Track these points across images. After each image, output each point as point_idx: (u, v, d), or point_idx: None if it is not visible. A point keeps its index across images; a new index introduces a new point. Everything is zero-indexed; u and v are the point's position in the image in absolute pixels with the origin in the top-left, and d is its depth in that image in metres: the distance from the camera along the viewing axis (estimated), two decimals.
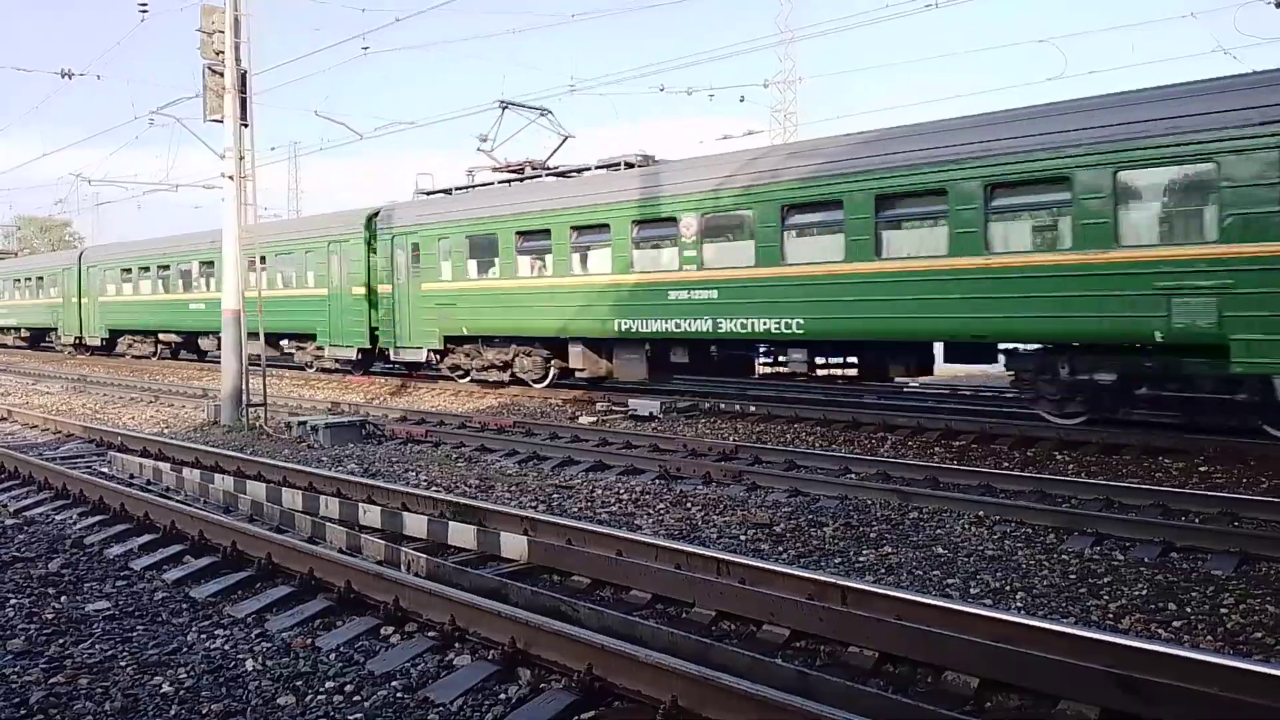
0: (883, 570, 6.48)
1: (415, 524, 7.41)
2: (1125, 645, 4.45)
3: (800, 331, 13.76)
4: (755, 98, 49.65)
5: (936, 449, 11.66)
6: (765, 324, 14.11)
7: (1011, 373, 12.85)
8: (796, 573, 5.74)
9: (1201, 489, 8.89)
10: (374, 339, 21.55)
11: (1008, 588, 6.03)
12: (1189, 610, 5.54)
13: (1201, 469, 9.88)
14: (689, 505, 8.52)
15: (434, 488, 9.36)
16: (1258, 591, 5.84)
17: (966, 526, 7.62)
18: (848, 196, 13.05)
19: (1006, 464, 10.62)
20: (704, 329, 14.86)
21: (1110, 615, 5.50)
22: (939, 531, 7.50)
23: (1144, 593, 5.87)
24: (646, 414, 14.99)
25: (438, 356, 20.21)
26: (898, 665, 4.72)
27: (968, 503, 8.25)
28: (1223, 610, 5.53)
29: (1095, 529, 7.32)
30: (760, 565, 5.90)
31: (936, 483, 9.35)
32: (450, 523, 7.29)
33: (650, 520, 8.03)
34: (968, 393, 17.26)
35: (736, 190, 14.49)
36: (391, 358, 21.18)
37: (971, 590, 6.02)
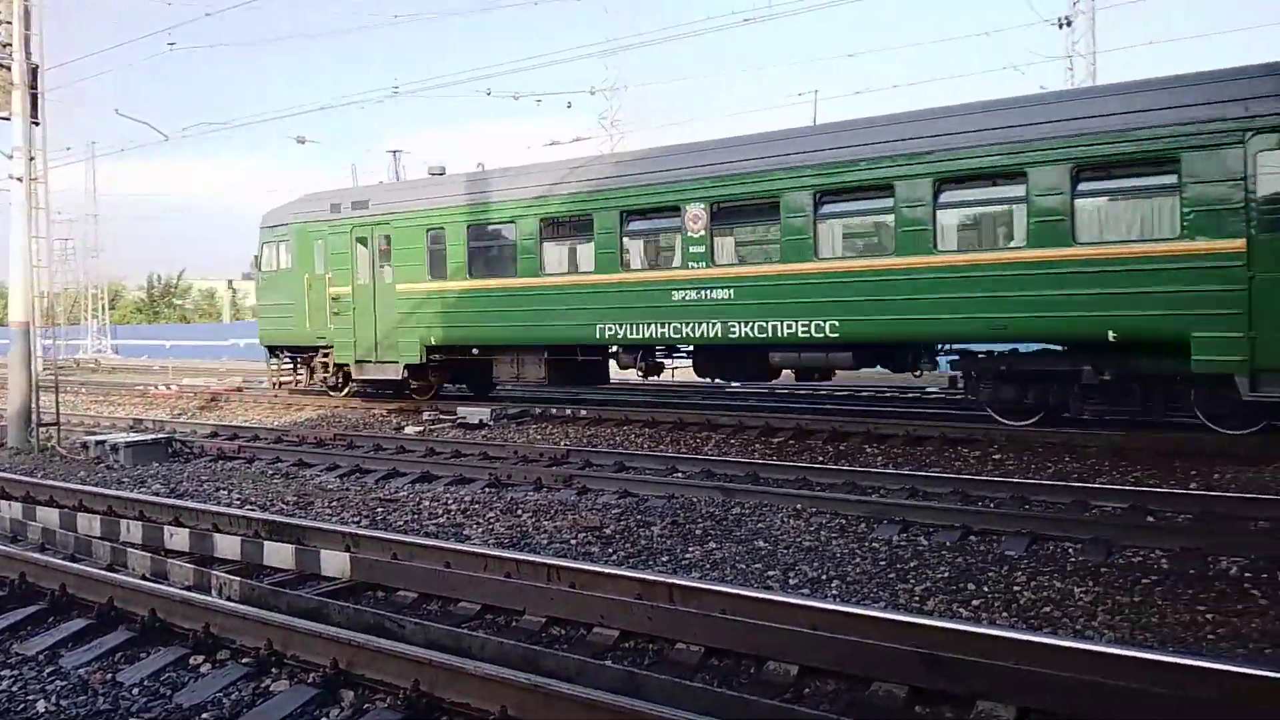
0: (708, 566, 6.65)
1: (227, 545, 7.05)
2: (930, 625, 4.74)
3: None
4: (582, 104, 50.00)
5: (757, 446, 12.06)
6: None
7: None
8: (625, 574, 5.81)
9: (995, 476, 9.57)
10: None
11: (824, 576, 6.31)
12: (986, 589, 5.96)
13: (995, 457, 10.65)
14: (519, 512, 8.47)
15: (248, 506, 8.92)
16: (1046, 569, 6.34)
17: (786, 519, 7.92)
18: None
19: (821, 458, 11.10)
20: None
21: (916, 597, 5.85)
22: (760, 525, 7.76)
23: (946, 575, 6.27)
24: (476, 422, 14.80)
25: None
26: (723, 658, 4.86)
27: (786, 496, 8.58)
28: (1016, 588, 5.97)
29: (902, 517, 7.76)
30: (590, 569, 5.93)
31: (757, 478, 9.67)
32: (266, 542, 6.96)
33: (480, 530, 7.94)
34: (784, 391, 17.93)
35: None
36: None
37: (791, 581, 6.26)
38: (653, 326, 13.74)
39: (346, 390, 18.44)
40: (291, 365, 19.48)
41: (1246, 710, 3.80)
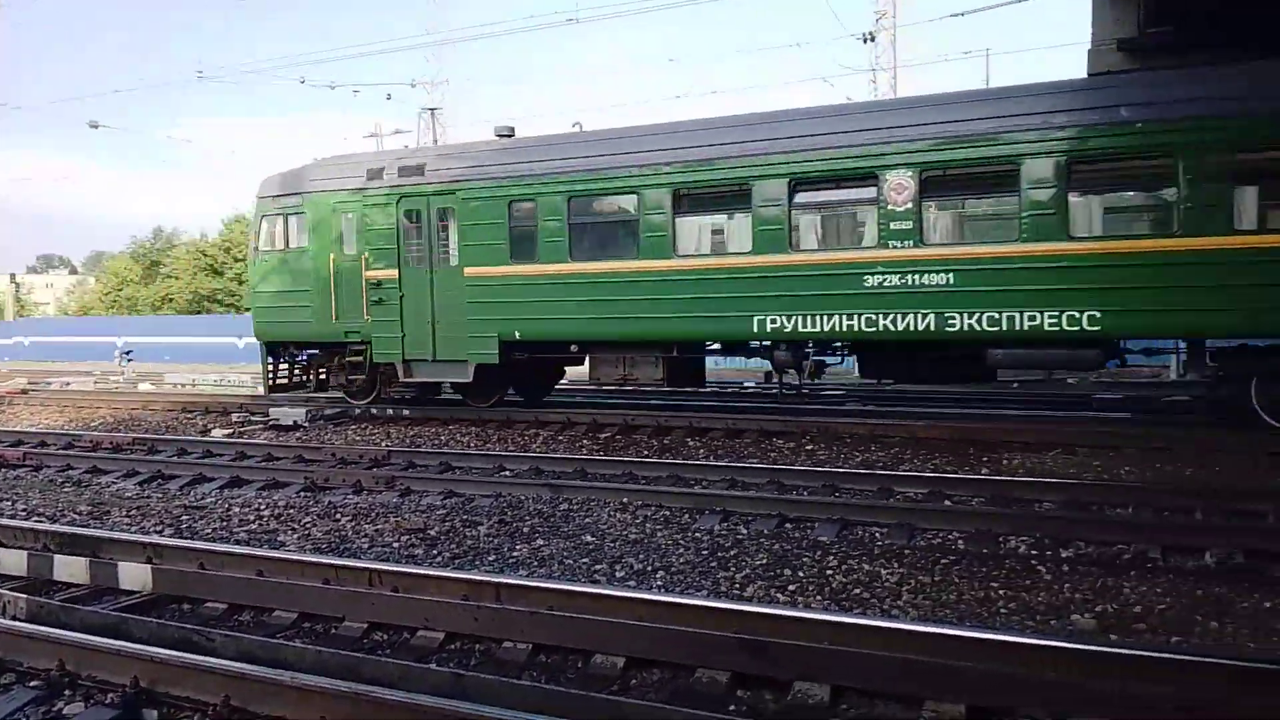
0: (535, 563, 6.64)
1: (12, 560, 6.48)
2: (749, 611, 4.91)
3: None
4: (403, 97, 48.74)
5: (585, 442, 12.13)
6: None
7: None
8: (450, 575, 5.72)
9: (808, 465, 10.00)
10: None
11: (649, 568, 6.42)
12: (801, 574, 6.22)
13: (808, 448, 11.12)
14: (338, 516, 8.19)
15: (35, 517, 8.23)
16: (855, 553, 6.68)
17: (612, 514, 8.00)
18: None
19: (646, 452, 11.28)
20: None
21: (737, 584, 6.04)
22: (587, 520, 7.82)
23: (764, 561, 6.51)
24: (290, 423, 14.20)
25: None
26: (551, 654, 4.86)
27: (613, 491, 8.67)
28: (828, 571, 6.26)
29: (723, 507, 7.99)
30: (413, 571, 5.81)
31: (585, 474, 9.73)
32: (56, 556, 6.45)
33: (296, 536, 7.63)
34: (612, 387, 18.11)
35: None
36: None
37: (617, 574, 6.34)
38: (835, 319, 11.50)
39: (374, 396, 15.40)
40: (289, 365, 15.94)
41: (1035, 678, 4.12)
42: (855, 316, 11.41)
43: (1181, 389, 11.90)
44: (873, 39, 28.33)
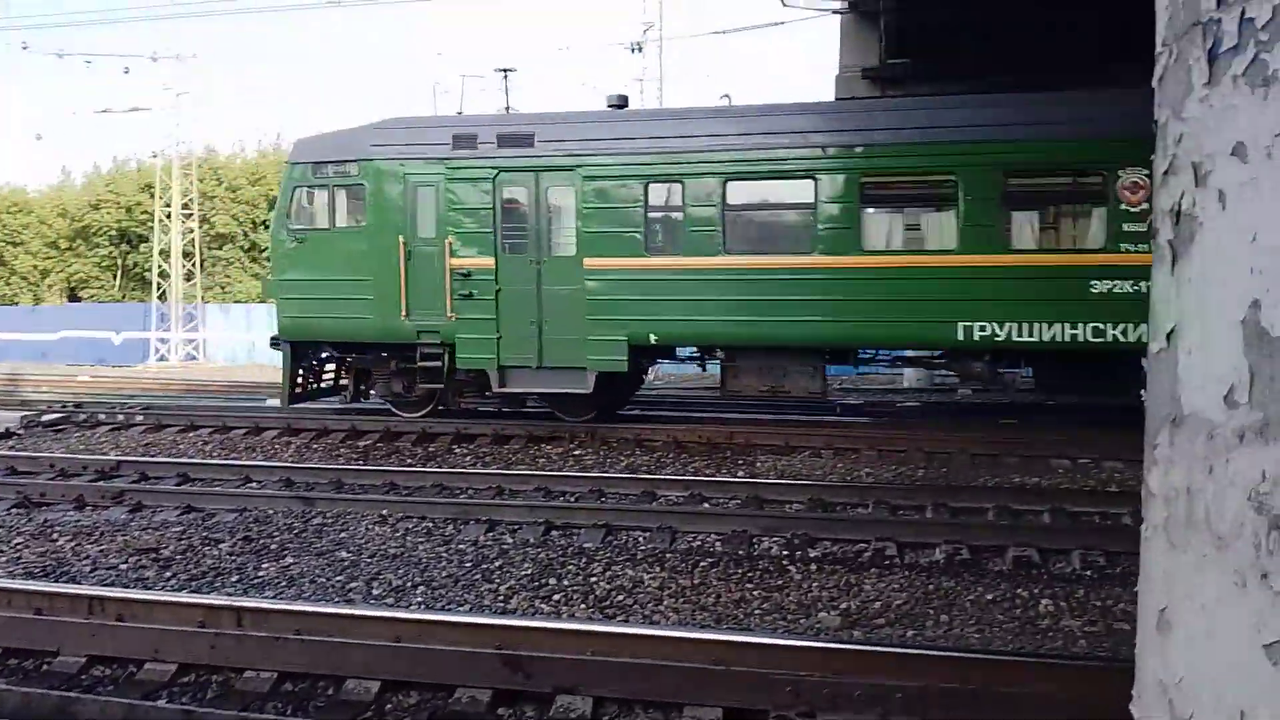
0: (284, 583, 6.24)
1: None
2: (510, 625, 4.82)
3: None
4: (143, 71, 44.82)
5: (342, 450, 11.57)
6: None
7: None
8: (184, 599, 5.28)
9: (575, 471, 10.04)
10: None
11: (409, 584, 6.19)
12: (566, 582, 6.20)
13: (575, 453, 11.16)
14: (55, 536, 7.37)
15: None
16: (620, 558, 6.74)
17: (370, 527, 7.67)
18: None
19: (410, 460, 10.92)
20: None
21: (501, 597, 5.94)
22: (343, 535, 7.45)
23: (530, 571, 6.44)
24: (1, 430, 12.66)
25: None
26: (299, 682, 4.56)
27: (372, 503, 8.32)
28: (593, 579, 6.28)
29: (488, 516, 7.85)
30: (141, 597, 5.30)
31: (341, 485, 9.27)
32: None
33: (2, 559, 6.78)
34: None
35: None
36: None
37: (374, 591, 6.07)
38: (1056, 327, 10.41)
39: (430, 408, 12.85)
40: (309, 367, 13.40)
41: (787, 677, 4.28)
42: (1080, 325, 10.43)
43: None
44: (640, 49, 29.02)
